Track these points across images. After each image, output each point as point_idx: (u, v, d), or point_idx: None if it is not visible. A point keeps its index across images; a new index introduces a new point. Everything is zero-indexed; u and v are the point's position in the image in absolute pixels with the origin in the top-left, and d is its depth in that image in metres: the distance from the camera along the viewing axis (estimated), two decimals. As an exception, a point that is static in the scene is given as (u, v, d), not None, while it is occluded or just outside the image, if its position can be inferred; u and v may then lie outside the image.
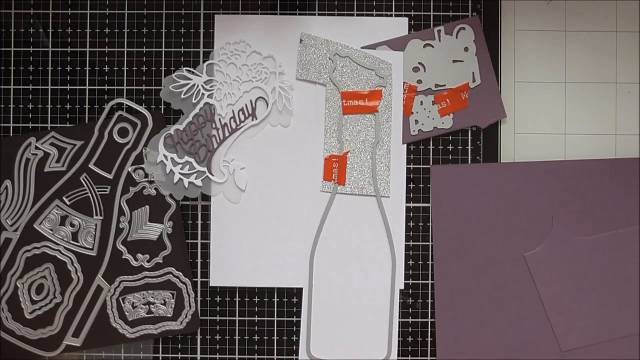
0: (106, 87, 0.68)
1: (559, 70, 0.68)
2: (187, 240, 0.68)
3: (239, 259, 0.68)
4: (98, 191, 0.68)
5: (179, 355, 0.68)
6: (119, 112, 0.68)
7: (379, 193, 0.67)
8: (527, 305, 0.67)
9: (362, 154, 0.67)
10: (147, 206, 0.68)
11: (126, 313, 0.68)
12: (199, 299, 0.68)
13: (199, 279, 0.68)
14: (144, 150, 0.67)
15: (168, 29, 0.68)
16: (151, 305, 0.68)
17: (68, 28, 0.68)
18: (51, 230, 0.68)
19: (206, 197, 0.68)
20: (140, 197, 0.68)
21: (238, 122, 0.67)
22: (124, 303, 0.68)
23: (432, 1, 0.68)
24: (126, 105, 0.68)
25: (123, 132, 0.68)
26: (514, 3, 0.68)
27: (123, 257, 0.68)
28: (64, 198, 0.67)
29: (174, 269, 0.68)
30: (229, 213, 0.68)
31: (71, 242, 0.67)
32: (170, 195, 0.67)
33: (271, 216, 0.68)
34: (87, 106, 0.68)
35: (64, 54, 0.68)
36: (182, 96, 0.67)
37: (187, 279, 0.68)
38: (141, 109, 0.67)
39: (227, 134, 0.67)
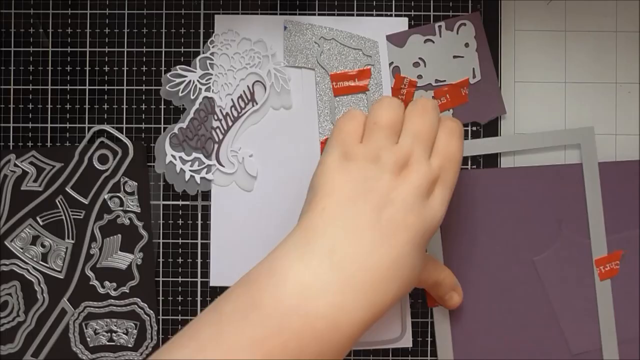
0: (106, 87, 0.68)
1: (559, 70, 0.68)
2: (187, 241, 0.68)
3: (239, 259, 0.67)
4: (72, 215, 0.67)
5: (179, 356, 0.68)
6: (101, 139, 0.67)
7: (378, 171, 0.67)
8: (537, 309, 0.66)
9: (357, 134, 0.68)
10: (119, 235, 0.68)
11: (87, 339, 0.68)
12: (160, 335, 0.68)
13: (198, 279, 0.68)
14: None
15: (168, 29, 0.68)
16: (113, 334, 0.68)
17: (68, 28, 0.68)
18: (22, 248, 0.67)
19: (206, 197, 0.68)
20: (113, 226, 0.68)
21: (239, 110, 0.67)
22: (86, 328, 0.67)
23: (432, 1, 0.68)
24: (109, 130, 0.68)
25: (103, 159, 0.68)
26: (514, 3, 0.68)
27: (90, 282, 0.67)
28: (38, 218, 0.67)
29: (139, 300, 0.68)
30: (229, 212, 0.67)
31: (40, 262, 0.67)
32: (184, 191, 0.68)
33: (272, 211, 0.68)
34: (87, 106, 0.68)
35: (64, 54, 0.68)
36: (180, 94, 0.67)
37: (152, 311, 0.68)
38: (123, 137, 0.67)
39: (230, 123, 0.67)
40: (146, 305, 0.68)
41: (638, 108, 0.69)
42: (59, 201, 0.67)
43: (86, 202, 0.67)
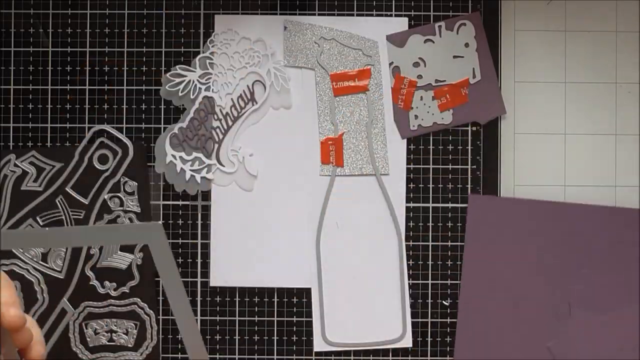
0: (106, 87, 0.68)
1: (559, 70, 0.68)
2: (187, 241, 0.68)
3: (239, 259, 0.67)
4: (72, 215, 0.67)
5: (179, 356, 0.68)
6: (101, 139, 0.68)
7: (378, 171, 0.67)
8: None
9: (357, 134, 0.68)
10: None
11: (87, 339, 0.68)
12: (160, 335, 0.68)
13: (198, 279, 0.68)
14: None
15: (168, 29, 0.68)
16: (113, 334, 0.68)
17: (68, 28, 0.68)
18: (22, 248, 0.67)
19: (206, 197, 0.68)
20: None
21: (239, 110, 0.67)
22: (86, 329, 0.68)
23: (432, 1, 0.68)
24: (109, 130, 0.68)
25: (103, 159, 0.68)
26: (514, 3, 0.68)
27: (90, 283, 0.67)
28: (38, 218, 0.67)
29: (139, 300, 0.68)
30: (229, 212, 0.67)
31: (40, 262, 0.67)
32: (184, 191, 0.68)
33: (272, 211, 0.68)
34: (87, 106, 0.68)
35: (64, 54, 0.68)
36: (180, 94, 0.67)
37: (152, 311, 0.68)
38: (123, 137, 0.68)
39: (230, 122, 0.67)
40: (146, 305, 0.68)
41: (638, 108, 0.69)
42: (59, 201, 0.67)
43: (86, 202, 0.67)
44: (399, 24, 0.68)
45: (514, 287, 0.66)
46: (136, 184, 0.67)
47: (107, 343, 0.67)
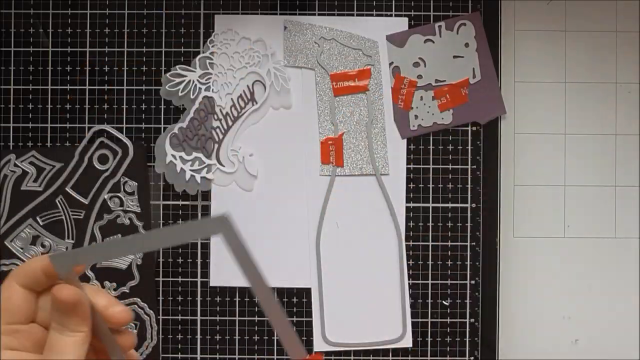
0: (106, 87, 0.68)
1: (559, 70, 0.69)
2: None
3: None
4: (72, 215, 0.68)
5: (179, 356, 0.68)
6: (101, 139, 0.68)
7: (378, 171, 0.67)
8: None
9: (357, 134, 0.68)
10: (119, 235, 0.68)
11: None
12: (160, 335, 0.68)
13: (198, 279, 0.68)
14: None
15: (168, 29, 0.68)
16: None
17: (68, 28, 0.68)
18: (22, 248, 0.67)
19: (206, 197, 0.68)
20: (113, 226, 0.68)
21: (239, 109, 0.67)
22: None
23: (432, 1, 0.68)
24: (109, 130, 0.68)
25: (103, 159, 0.68)
26: (514, 3, 0.68)
27: (91, 283, 0.67)
28: (38, 218, 0.68)
29: (139, 300, 0.68)
30: (229, 212, 0.67)
31: None
32: (184, 191, 0.68)
33: (272, 211, 0.68)
34: (87, 106, 0.68)
35: (64, 54, 0.68)
36: (180, 94, 0.67)
37: (152, 311, 0.68)
38: (123, 137, 0.68)
39: (230, 123, 0.67)
40: (146, 305, 0.68)
41: (638, 108, 0.69)
42: (59, 201, 0.67)
43: (86, 202, 0.67)
44: (399, 24, 0.68)
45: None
46: (136, 184, 0.68)
47: (107, 343, 0.68)
